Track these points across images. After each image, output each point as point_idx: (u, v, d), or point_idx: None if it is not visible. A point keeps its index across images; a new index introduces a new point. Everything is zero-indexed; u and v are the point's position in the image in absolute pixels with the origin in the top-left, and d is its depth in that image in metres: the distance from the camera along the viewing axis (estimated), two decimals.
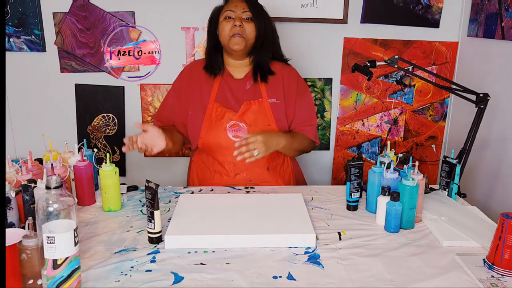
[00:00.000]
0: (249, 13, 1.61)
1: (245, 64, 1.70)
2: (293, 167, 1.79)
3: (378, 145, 2.39)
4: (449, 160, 1.48)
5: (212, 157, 1.70)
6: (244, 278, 1.05)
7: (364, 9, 2.18)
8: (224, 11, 1.64)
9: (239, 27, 1.59)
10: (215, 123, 1.64)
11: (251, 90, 1.68)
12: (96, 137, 2.31)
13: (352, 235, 1.27)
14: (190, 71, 1.75)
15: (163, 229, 1.23)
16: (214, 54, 1.70)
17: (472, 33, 2.10)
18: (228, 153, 1.64)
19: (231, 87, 1.68)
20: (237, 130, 1.63)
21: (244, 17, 1.61)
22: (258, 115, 1.64)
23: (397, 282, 1.04)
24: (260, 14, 1.64)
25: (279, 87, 1.68)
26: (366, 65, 1.66)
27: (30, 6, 2.12)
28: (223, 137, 1.63)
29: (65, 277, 0.94)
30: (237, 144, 1.47)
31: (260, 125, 1.64)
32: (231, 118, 1.63)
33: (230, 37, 1.60)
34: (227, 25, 1.61)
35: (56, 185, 0.96)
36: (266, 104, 1.66)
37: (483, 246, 1.18)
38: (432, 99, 2.33)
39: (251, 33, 1.61)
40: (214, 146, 1.66)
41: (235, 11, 1.61)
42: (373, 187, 1.39)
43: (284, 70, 1.72)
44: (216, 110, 1.65)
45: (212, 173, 1.70)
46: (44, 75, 2.23)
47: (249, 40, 1.62)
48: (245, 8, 1.62)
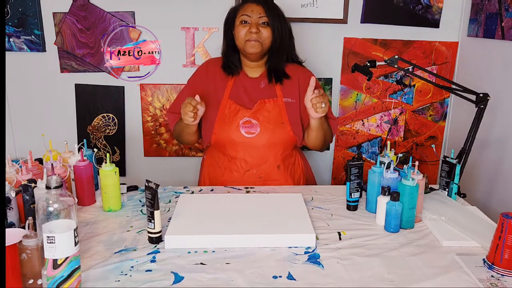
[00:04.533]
0: (266, 18, 1.62)
1: (260, 64, 1.72)
2: (303, 167, 1.79)
3: (378, 145, 2.39)
4: (449, 160, 1.48)
5: (224, 154, 1.70)
6: (244, 278, 1.05)
7: (364, 9, 2.18)
8: (240, 15, 1.64)
9: (255, 33, 1.60)
10: (228, 119, 1.65)
11: (266, 89, 1.69)
12: (96, 137, 2.32)
13: (352, 235, 1.27)
14: (206, 68, 1.76)
15: (163, 229, 1.23)
16: (232, 55, 1.71)
17: (472, 33, 2.10)
18: (240, 149, 1.66)
19: (246, 86, 1.70)
20: (249, 127, 1.64)
21: (260, 22, 1.62)
22: (271, 113, 1.65)
23: (397, 282, 1.04)
24: (276, 18, 1.64)
25: (295, 88, 1.69)
26: (366, 65, 1.66)
27: (30, 6, 2.12)
28: (236, 133, 1.64)
29: (65, 277, 0.94)
30: (312, 93, 1.48)
31: (273, 122, 1.65)
32: (244, 115, 1.65)
33: (245, 41, 1.62)
34: (243, 30, 1.61)
35: (56, 185, 0.96)
36: (280, 103, 1.67)
37: (483, 246, 1.18)
38: (432, 99, 2.33)
39: (267, 38, 1.63)
40: (227, 142, 1.66)
41: (251, 16, 1.61)
42: (373, 187, 1.39)
43: (299, 71, 1.73)
44: (229, 107, 1.66)
45: (222, 170, 1.71)
46: (44, 75, 2.23)
47: (265, 44, 1.63)
48: (262, 13, 1.61)
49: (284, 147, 1.69)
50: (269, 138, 1.64)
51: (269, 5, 1.64)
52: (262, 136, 1.64)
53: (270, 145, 1.65)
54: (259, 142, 1.64)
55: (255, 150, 1.66)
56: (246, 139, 1.64)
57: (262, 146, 1.65)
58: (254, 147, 1.65)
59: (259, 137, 1.64)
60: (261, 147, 1.65)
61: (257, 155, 1.66)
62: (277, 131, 1.65)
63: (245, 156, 1.67)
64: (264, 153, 1.66)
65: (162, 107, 2.28)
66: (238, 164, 1.68)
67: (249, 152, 1.66)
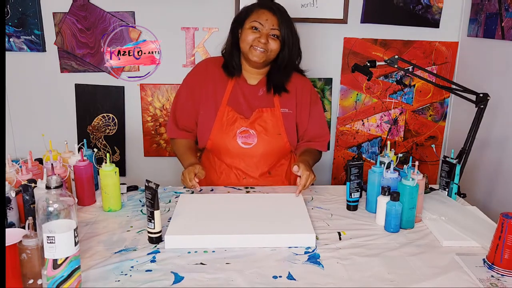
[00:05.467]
0: (278, 31, 1.56)
1: (260, 72, 1.68)
2: None
3: (378, 145, 2.39)
4: (449, 160, 1.48)
5: (219, 159, 1.70)
6: (244, 278, 1.05)
7: (364, 9, 2.18)
8: (252, 19, 1.56)
9: (263, 44, 1.55)
10: (225, 128, 1.63)
11: (264, 97, 1.66)
12: (96, 137, 2.31)
13: (352, 235, 1.27)
14: (205, 68, 1.71)
15: (163, 229, 1.23)
16: (234, 54, 1.65)
17: (472, 33, 2.10)
18: (236, 157, 1.65)
19: (244, 92, 1.67)
20: (247, 136, 1.62)
21: (271, 34, 1.56)
22: (269, 123, 1.63)
23: (397, 282, 1.04)
24: (289, 33, 1.57)
25: (292, 99, 1.67)
26: (366, 65, 1.66)
27: (30, 6, 2.12)
28: (233, 143, 1.62)
29: (65, 277, 0.94)
30: (298, 192, 1.47)
31: (270, 133, 1.63)
32: (242, 124, 1.62)
33: (250, 47, 1.56)
34: (252, 36, 1.55)
35: (56, 185, 0.96)
36: (278, 113, 1.65)
37: (483, 246, 1.18)
38: (432, 99, 2.33)
39: (274, 51, 1.58)
40: (223, 149, 1.65)
41: (264, 25, 1.55)
42: (373, 187, 1.39)
43: (298, 82, 1.70)
44: (227, 115, 1.63)
45: (218, 174, 1.70)
46: (44, 75, 2.23)
47: (271, 56, 1.59)
48: (275, 25, 1.55)
49: (278, 157, 1.70)
50: (266, 148, 1.63)
51: (284, 18, 1.57)
52: (258, 147, 1.63)
53: (265, 154, 1.65)
54: (255, 153, 1.64)
55: (250, 159, 1.65)
56: (242, 150, 1.63)
57: (258, 156, 1.64)
58: (250, 157, 1.65)
59: (255, 148, 1.63)
60: (257, 157, 1.65)
61: (252, 164, 1.66)
62: (274, 142, 1.64)
63: (241, 165, 1.66)
64: (259, 162, 1.66)
65: (162, 107, 2.28)
66: (235, 171, 1.68)
67: (244, 160, 1.65)
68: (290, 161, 1.75)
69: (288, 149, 1.69)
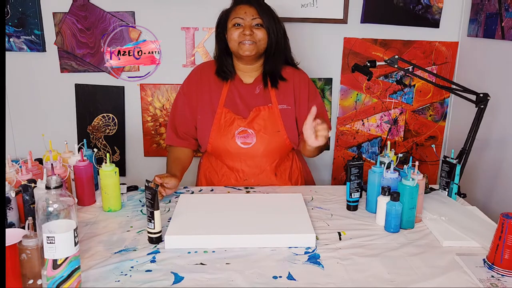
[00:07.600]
0: (259, 20, 1.58)
1: (255, 68, 1.68)
2: (301, 168, 1.78)
3: (378, 145, 2.39)
4: (449, 160, 1.48)
5: (221, 161, 1.70)
6: (244, 278, 1.05)
7: (364, 9, 2.18)
8: (232, 18, 1.59)
9: (249, 35, 1.56)
10: (224, 130, 1.63)
11: (261, 95, 1.66)
12: (96, 137, 2.31)
13: (352, 235, 1.27)
14: (200, 73, 1.72)
15: (163, 229, 1.23)
16: (225, 59, 1.67)
17: (472, 33, 2.10)
18: (236, 159, 1.65)
19: (241, 92, 1.67)
20: (245, 136, 1.62)
21: (254, 24, 1.58)
22: (267, 121, 1.63)
23: (397, 282, 1.05)
24: (271, 20, 1.59)
25: (290, 93, 1.67)
26: (366, 65, 1.66)
27: (30, 6, 2.12)
28: (232, 144, 1.62)
29: (65, 277, 0.94)
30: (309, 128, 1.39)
31: (269, 131, 1.63)
32: (240, 125, 1.62)
33: (239, 43, 1.58)
34: (236, 32, 1.57)
35: (56, 185, 0.96)
36: (275, 110, 1.64)
37: (483, 246, 1.18)
38: (432, 99, 2.33)
39: (262, 39, 1.59)
40: (223, 151, 1.65)
41: (245, 19, 1.57)
42: (373, 187, 1.39)
43: (295, 75, 1.70)
44: (225, 116, 1.63)
45: (220, 176, 1.70)
46: (44, 75, 2.23)
47: (261, 45, 1.59)
48: (255, 15, 1.57)
49: (280, 155, 1.69)
50: (266, 147, 1.63)
51: (262, 6, 1.60)
52: (258, 146, 1.62)
53: (266, 154, 1.64)
54: (255, 152, 1.63)
55: (252, 159, 1.65)
56: (242, 150, 1.62)
57: (259, 155, 1.64)
58: (251, 157, 1.64)
59: (255, 147, 1.62)
60: (258, 157, 1.64)
61: (254, 165, 1.66)
62: (273, 140, 1.63)
63: (242, 166, 1.66)
64: (260, 162, 1.66)
65: (162, 107, 2.28)
66: (235, 173, 1.67)
67: (246, 161, 1.65)
68: (292, 162, 1.75)
69: (289, 146, 1.68)
